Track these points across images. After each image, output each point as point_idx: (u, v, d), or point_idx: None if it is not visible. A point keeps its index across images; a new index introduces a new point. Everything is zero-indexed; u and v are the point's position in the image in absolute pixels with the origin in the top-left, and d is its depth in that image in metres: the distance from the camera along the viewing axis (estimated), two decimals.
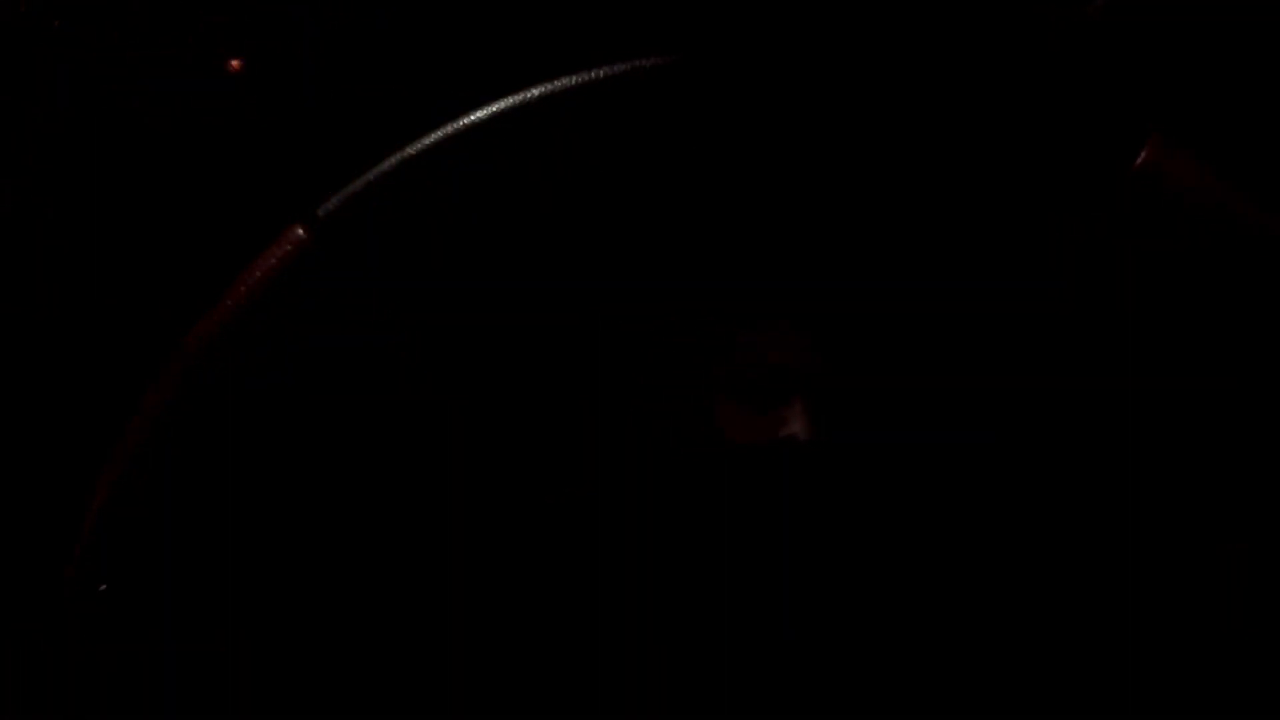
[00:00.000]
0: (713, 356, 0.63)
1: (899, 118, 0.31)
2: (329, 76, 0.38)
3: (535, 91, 0.30)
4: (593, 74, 0.29)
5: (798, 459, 0.38)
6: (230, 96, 0.39)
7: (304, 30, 0.39)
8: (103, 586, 0.28)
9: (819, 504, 0.35)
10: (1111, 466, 0.37)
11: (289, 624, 0.33)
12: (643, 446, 0.42)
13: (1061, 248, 0.35)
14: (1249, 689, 0.30)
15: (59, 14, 0.41)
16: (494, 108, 0.30)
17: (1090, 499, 0.36)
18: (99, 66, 0.40)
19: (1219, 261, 0.28)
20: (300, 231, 0.31)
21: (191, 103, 0.39)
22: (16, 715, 0.36)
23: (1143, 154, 0.28)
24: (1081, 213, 0.31)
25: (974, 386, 0.46)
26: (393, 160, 0.30)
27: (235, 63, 0.39)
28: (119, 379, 0.32)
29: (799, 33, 0.44)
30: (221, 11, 0.39)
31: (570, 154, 0.31)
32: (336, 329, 0.33)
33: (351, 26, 0.39)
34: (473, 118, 0.30)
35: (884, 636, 0.34)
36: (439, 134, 0.31)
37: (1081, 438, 0.39)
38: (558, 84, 0.29)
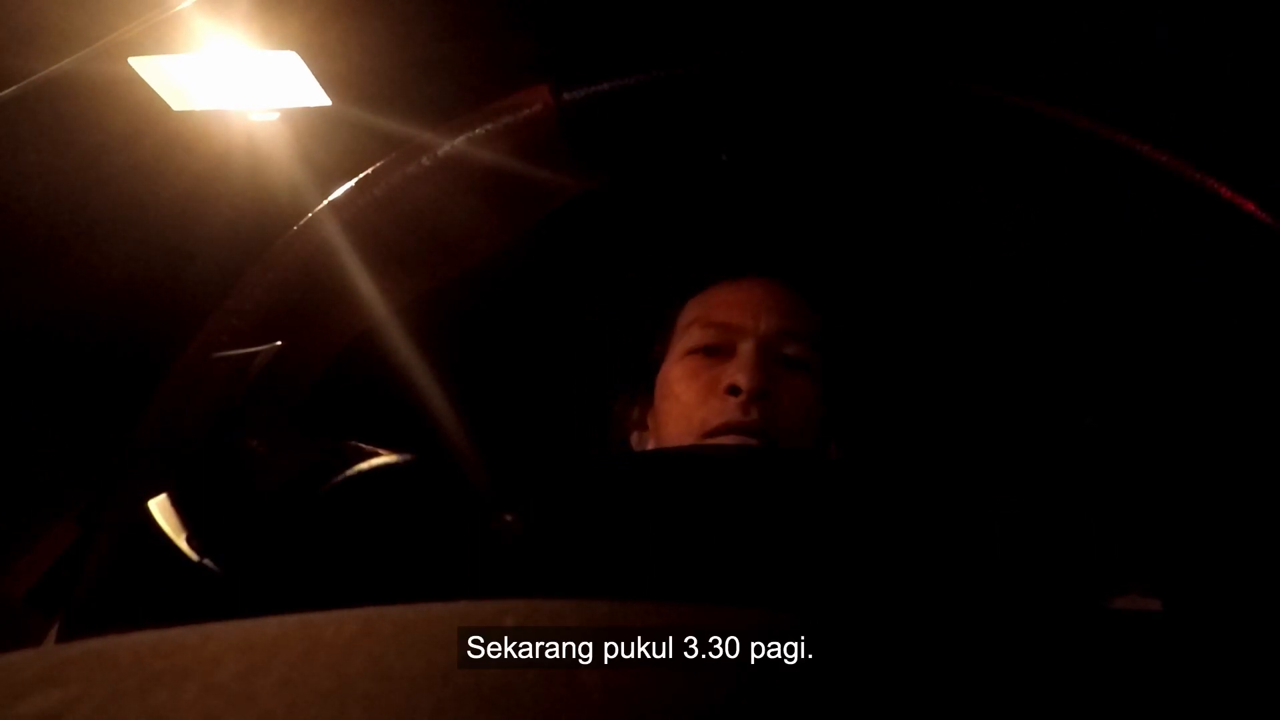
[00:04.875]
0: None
1: (893, 120, 0.30)
2: None
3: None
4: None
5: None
6: None
7: None
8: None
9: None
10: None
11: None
12: None
13: (1057, 248, 0.35)
14: None
15: None
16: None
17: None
18: None
19: (1219, 262, 0.28)
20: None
21: None
22: None
23: None
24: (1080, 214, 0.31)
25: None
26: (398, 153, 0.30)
27: None
28: (129, 381, 0.32)
29: (796, 39, 0.44)
30: None
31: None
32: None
33: None
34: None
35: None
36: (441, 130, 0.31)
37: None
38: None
